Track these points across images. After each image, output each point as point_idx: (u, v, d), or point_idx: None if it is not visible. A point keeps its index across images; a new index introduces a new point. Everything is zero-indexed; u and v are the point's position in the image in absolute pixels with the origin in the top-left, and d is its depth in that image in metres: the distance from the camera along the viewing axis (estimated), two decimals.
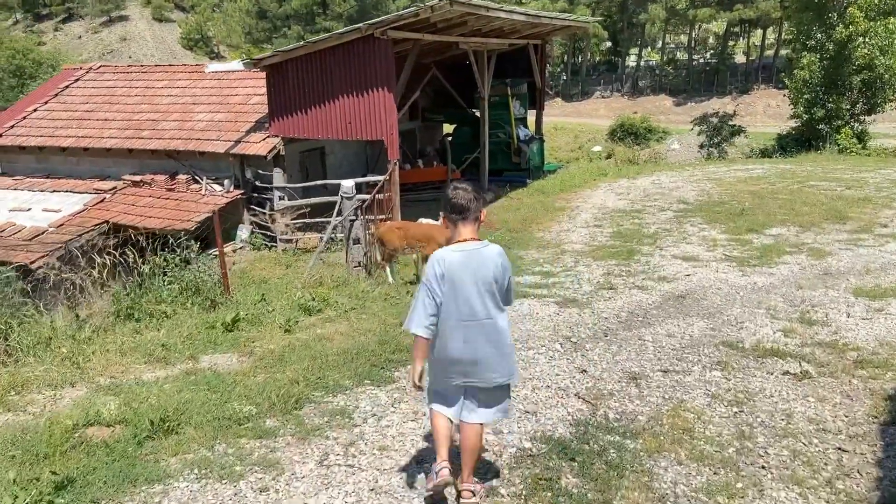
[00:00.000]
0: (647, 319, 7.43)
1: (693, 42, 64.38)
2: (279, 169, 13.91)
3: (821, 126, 27.15)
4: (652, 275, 9.43)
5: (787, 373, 5.74)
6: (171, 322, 6.96)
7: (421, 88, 21.07)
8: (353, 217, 10.04)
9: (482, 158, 19.13)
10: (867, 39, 26.22)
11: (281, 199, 13.66)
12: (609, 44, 67.20)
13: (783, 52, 51.81)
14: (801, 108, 27.68)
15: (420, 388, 3.66)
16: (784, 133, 30.22)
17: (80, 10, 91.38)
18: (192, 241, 8.72)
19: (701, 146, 35.23)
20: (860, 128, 27.64)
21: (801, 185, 16.16)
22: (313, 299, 7.77)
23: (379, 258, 10.02)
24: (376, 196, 13.05)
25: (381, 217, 13.71)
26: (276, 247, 14.11)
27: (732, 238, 11.63)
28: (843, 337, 6.83)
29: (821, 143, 26.41)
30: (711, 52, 64.67)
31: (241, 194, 14.79)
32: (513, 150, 21.31)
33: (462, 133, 22.26)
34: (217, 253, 14.30)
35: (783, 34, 54.43)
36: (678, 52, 68.43)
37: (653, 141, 44.51)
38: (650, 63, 66.35)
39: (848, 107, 27.01)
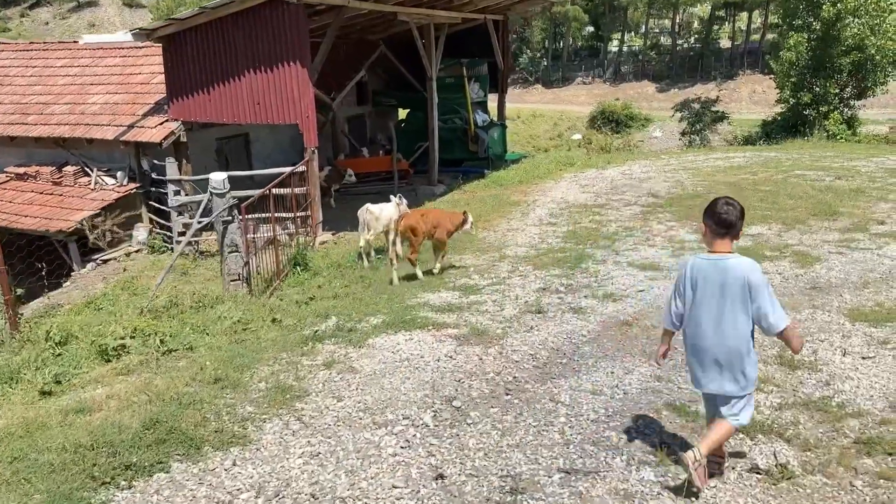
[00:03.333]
0: (573, 362, 5.46)
1: (677, 26, 62.40)
2: (172, 158, 11.78)
3: (808, 111, 25.48)
4: (597, 290, 7.49)
5: (755, 469, 3.78)
6: None
7: (367, 68, 18.98)
8: (228, 219, 7.98)
9: (430, 146, 17.04)
10: (857, 18, 24.48)
11: (177, 193, 11.56)
12: (591, 28, 65.09)
13: (769, 36, 50.00)
14: (788, 93, 26.03)
15: (658, 365, 4.31)
16: (769, 119, 28.50)
17: None
18: None
19: (682, 133, 33.48)
20: (849, 113, 26.00)
21: (786, 175, 14.37)
22: (131, 335, 5.75)
23: (410, 253, 8.68)
24: (287, 191, 11.04)
25: (300, 214, 11.72)
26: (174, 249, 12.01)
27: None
28: (838, 391, 4.91)
29: (808, 130, 24.71)
30: (696, 36, 62.69)
31: (137, 188, 12.66)
32: (470, 138, 19.23)
33: (416, 119, 20.10)
34: (104, 259, 12.28)
35: (769, 17, 52.66)
36: (662, 37, 66.40)
37: (634, 128, 42.72)
38: (633, 48, 64.33)
39: (836, 90, 25.33)
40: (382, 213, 10.06)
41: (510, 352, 5.64)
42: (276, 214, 9.75)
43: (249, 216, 10.69)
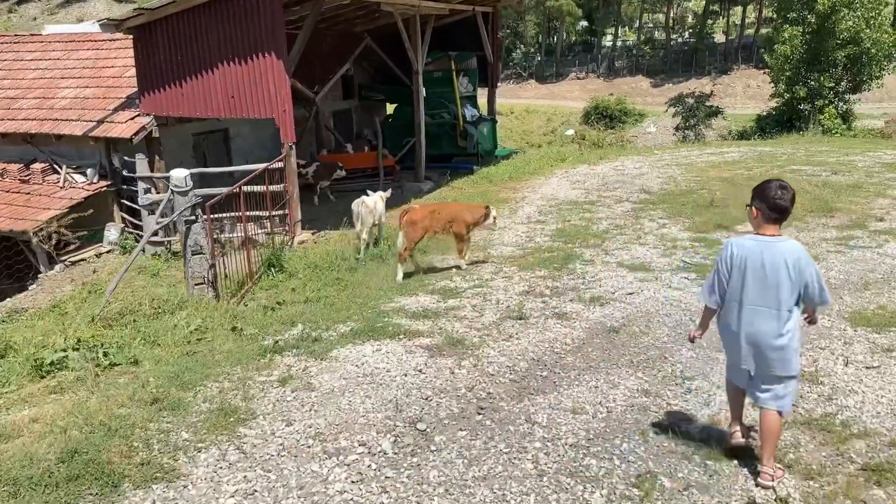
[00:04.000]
0: (554, 375, 5.01)
1: (671, 21, 61.92)
2: (142, 155, 11.26)
3: (802, 106, 25.08)
4: (583, 294, 7.04)
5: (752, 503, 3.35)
6: None
7: (353, 61, 18.46)
8: (192, 218, 7.49)
9: (417, 142, 16.55)
10: (852, 11, 24.09)
11: (147, 191, 11.05)
12: (584, 23, 64.54)
13: (764, 30, 49.57)
14: (783, 87, 25.62)
15: (692, 340, 4.06)
16: (764, 114, 28.12)
17: None
18: None
19: (676, 128, 33.08)
20: (845, 107, 25.61)
21: (781, 171, 13.98)
22: (74, 347, 5.26)
23: (404, 249, 8.29)
24: (262, 188, 10.53)
25: (275, 213, 11.23)
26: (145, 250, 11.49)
27: (697, 237, 9.39)
28: (841, 406, 4.48)
29: (803, 124, 24.33)
30: (690, 31, 62.21)
31: (108, 186, 12.14)
32: (458, 133, 18.73)
33: (404, 113, 19.59)
34: (73, 260, 11.76)
35: (764, 11, 52.23)
36: (656, 32, 65.91)
37: (628, 124, 42.29)
38: (627, 43, 63.84)
39: (832, 84, 24.93)
40: (377, 207, 9.74)
41: (486, 364, 5.18)
42: (249, 213, 9.25)
43: (222, 215, 10.25)
